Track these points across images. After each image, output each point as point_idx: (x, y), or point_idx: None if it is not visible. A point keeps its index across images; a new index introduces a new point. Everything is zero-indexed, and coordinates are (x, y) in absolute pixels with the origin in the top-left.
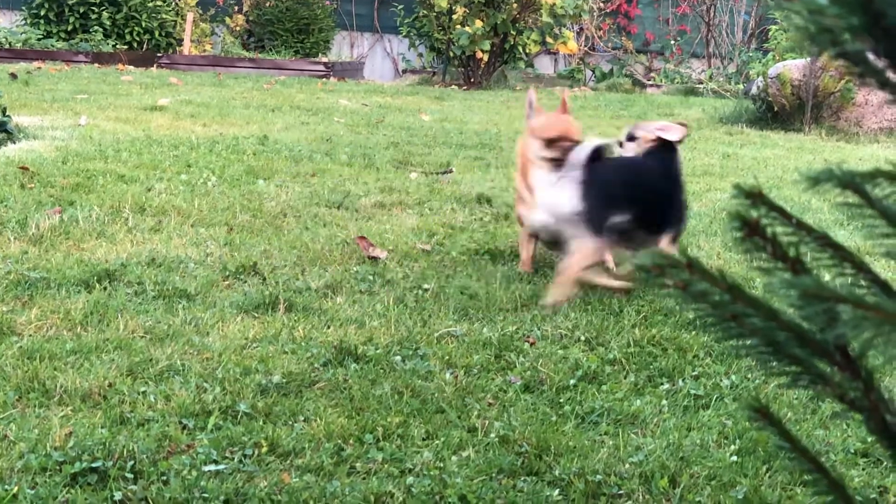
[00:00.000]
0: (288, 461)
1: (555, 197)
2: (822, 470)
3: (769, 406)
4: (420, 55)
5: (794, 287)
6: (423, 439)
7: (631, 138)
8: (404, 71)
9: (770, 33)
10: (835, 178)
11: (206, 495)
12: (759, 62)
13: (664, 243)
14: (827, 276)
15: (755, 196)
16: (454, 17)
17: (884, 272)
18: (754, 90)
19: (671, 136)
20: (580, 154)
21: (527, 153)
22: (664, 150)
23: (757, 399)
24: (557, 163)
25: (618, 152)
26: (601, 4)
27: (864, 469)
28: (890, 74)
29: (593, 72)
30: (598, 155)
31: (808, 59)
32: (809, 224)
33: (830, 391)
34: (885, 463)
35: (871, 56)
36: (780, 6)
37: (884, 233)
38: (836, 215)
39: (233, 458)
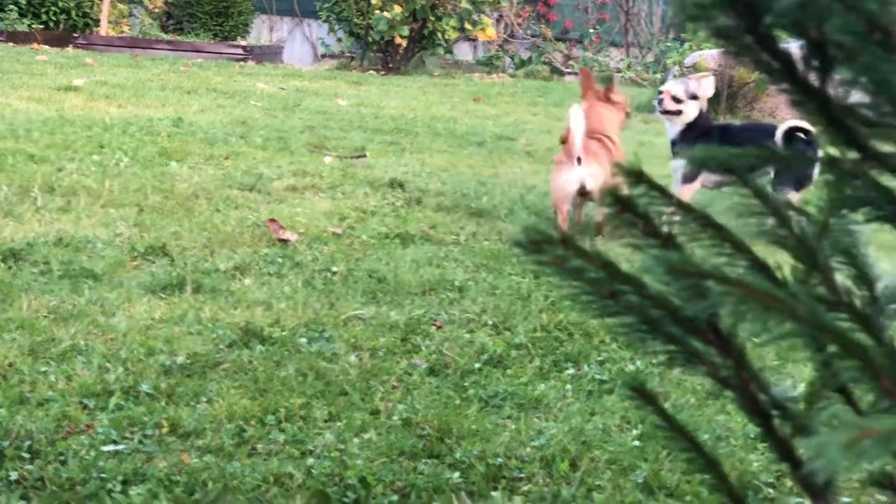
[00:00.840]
0: (189, 442)
1: None
2: (698, 450)
3: (668, 392)
4: (339, 40)
5: (661, 262)
6: (326, 421)
7: (693, 97)
8: (323, 55)
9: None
10: (714, 159)
11: (104, 475)
12: (677, 52)
13: None
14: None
15: (635, 174)
16: (373, 2)
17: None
18: (670, 79)
19: (711, 88)
20: None
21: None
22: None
23: (635, 379)
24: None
25: (679, 107)
26: None
27: (762, 454)
28: (763, 54)
29: (512, 59)
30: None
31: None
32: (689, 203)
33: (704, 369)
34: None
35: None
36: None
37: (756, 211)
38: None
39: (133, 439)
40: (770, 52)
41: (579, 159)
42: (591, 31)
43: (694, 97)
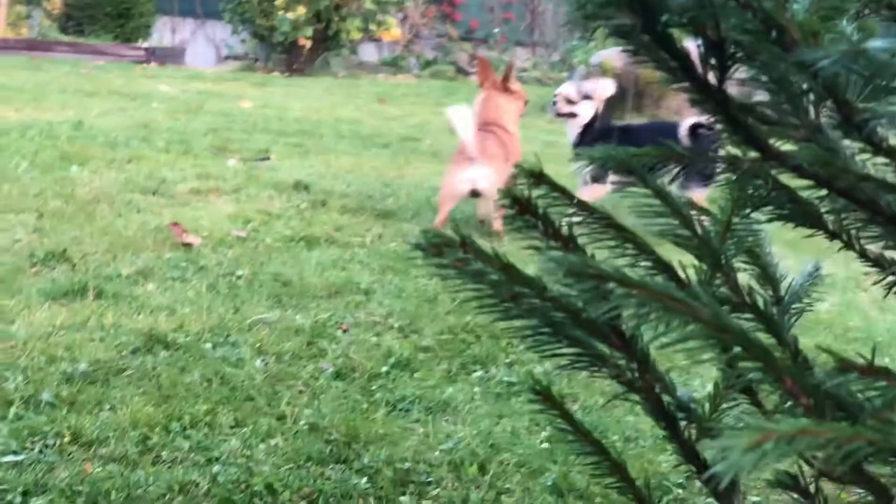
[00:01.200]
0: (91, 451)
1: None
2: (604, 452)
3: (577, 393)
4: (243, 41)
5: (560, 264)
6: (232, 427)
7: (587, 98)
8: (226, 57)
9: None
10: (613, 159)
11: (3, 487)
12: (583, 51)
13: None
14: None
15: (535, 175)
16: (277, 3)
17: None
18: (577, 78)
19: (609, 91)
20: None
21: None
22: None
23: (537, 381)
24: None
25: (572, 109)
26: None
27: (671, 454)
28: (660, 52)
29: (417, 59)
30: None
31: None
32: (592, 204)
33: (608, 372)
34: None
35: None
36: None
37: (658, 211)
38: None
39: (33, 449)
40: (667, 50)
41: (471, 159)
42: (497, 30)
43: (587, 97)
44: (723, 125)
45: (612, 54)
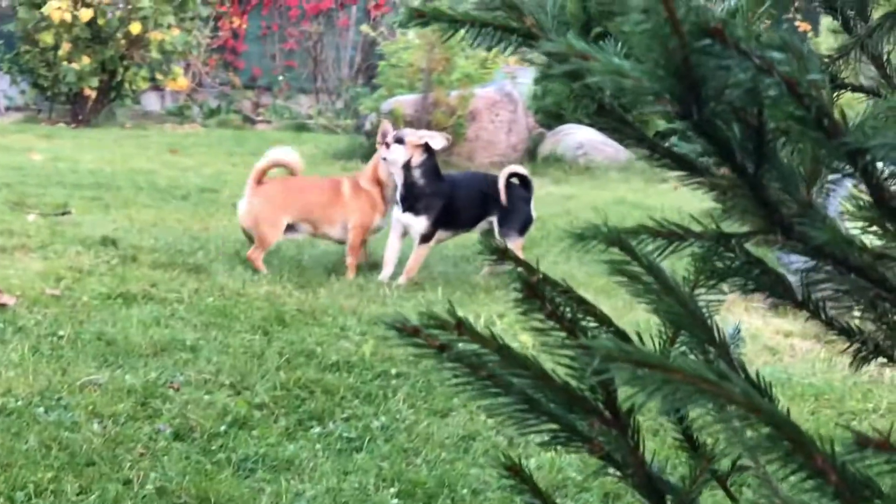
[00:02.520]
0: None
1: None
2: None
3: (419, 447)
4: (22, 92)
5: (596, 350)
6: (78, 494)
7: (399, 140)
8: (7, 108)
9: (378, 69)
10: (601, 235)
11: None
12: (368, 97)
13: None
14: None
15: (500, 251)
16: (60, 53)
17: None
18: (367, 126)
19: (435, 143)
20: None
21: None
22: (429, 155)
23: (509, 458)
24: None
25: (382, 149)
26: (208, 40)
27: None
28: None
29: (201, 107)
30: None
31: (421, 94)
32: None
33: (587, 448)
34: None
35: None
36: (574, 63)
37: (651, 288)
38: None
39: None
40: (709, 137)
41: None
42: (280, 77)
43: (399, 141)
44: (753, 207)
45: (404, 100)
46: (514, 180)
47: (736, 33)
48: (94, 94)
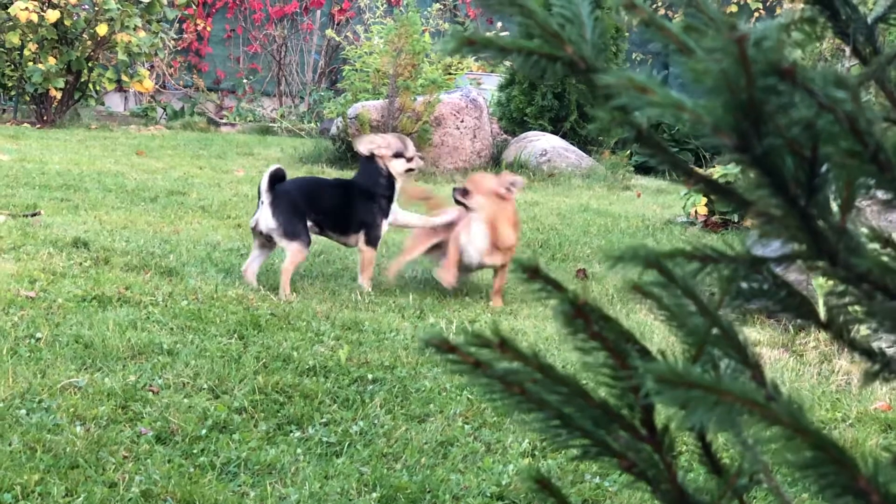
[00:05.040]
0: None
1: None
2: None
3: (399, 452)
4: None
5: (652, 373)
6: (65, 497)
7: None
8: None
9: (343, 73)
10: (639, 258)
11: None
12: (332, 101)
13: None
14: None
15: (531, 270)
16: (26, 53)
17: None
18: (334, 130)
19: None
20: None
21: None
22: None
23: (538, 471)
24: None
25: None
26: (172, 42)
27: None
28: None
29: (164, 109)
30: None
31: (387, 99)
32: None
33: (617, 462)
34: None
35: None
36: (625, 88)
37: (689, 311)
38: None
39: None
40: (766, 170)
41: None
42: (244, 80)
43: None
44: (802, 236)
45: (370, 105)
46: None
47: (807, 75)
48: (59, 95)
